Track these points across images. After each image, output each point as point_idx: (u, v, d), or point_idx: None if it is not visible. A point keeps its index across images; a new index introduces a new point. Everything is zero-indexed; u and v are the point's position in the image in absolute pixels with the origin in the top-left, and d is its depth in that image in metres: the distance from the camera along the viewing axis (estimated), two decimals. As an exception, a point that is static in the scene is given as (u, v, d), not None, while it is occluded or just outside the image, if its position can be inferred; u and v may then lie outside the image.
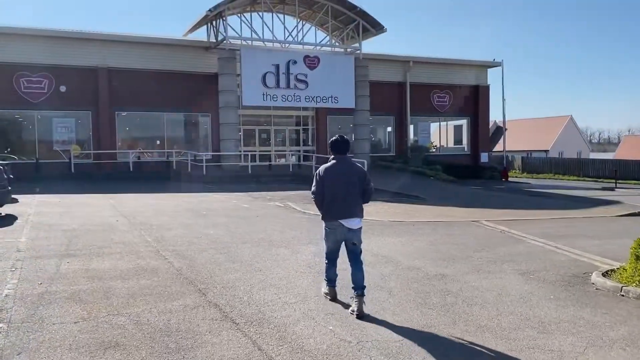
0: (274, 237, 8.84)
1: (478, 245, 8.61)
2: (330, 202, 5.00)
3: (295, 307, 4.95)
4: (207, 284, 5.69)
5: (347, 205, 4.98)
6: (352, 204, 5.00)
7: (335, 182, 4.98)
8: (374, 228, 10.12)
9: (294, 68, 24.28)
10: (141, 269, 6.28)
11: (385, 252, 7.74)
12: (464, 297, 5.44)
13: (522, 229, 10.66)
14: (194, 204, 13.08)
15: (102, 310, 4.69)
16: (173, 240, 8.33)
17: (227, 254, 7.32)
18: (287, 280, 5.92)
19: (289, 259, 7.13)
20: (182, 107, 24.17)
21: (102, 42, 22.74)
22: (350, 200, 4.99)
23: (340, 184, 4.97)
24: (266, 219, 11.05)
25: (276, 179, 21.41)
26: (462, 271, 6.66)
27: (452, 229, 10.34)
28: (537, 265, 7.12)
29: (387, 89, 28.43)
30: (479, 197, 18.06)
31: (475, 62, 31.77)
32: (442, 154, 31.21)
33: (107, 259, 6.85)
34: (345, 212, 4.98)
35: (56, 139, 22.63)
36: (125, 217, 10.74)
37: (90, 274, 6.01)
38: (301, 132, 27.96)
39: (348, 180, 4.99)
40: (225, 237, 8.77)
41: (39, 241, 7.88)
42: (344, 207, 4.97)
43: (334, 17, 25.65)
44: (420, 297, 5.42)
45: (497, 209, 14.58)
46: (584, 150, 59.16)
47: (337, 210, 4.98)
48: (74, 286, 5.46)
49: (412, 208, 13.98)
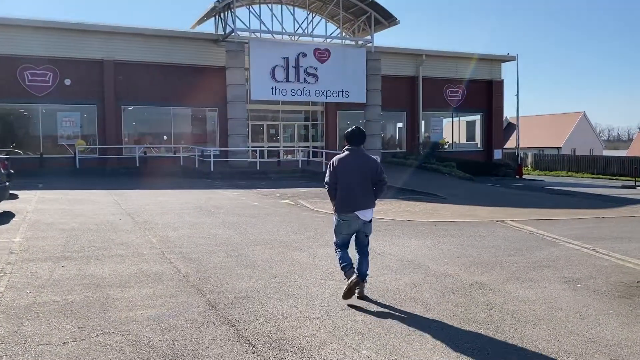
0: (288, 238, 8.18)
1: (510, 249, 7.91)
2: (344, 194, 4.95)
3: (320, 323, 4.29)
4: (218, 293, 5.03)
5: (362, 196, 4.95)
6: (366, 195, 4.97)
7: (349, 173, 4.94)
8: (394, 228, 9.44)
9: (303, 61, 23.58)
10: (144, 275, 5.65)
11: (411, 256, 7.06)
12: (511, 312, 4.75)
13: (551, 229, 9.93)
14: (201, 202, 12.46)
15: (97, 327, 4.05)
16: (179, 241, 7.70)
17: (238, 258, 6.67)
18: (306, 290, 5.25)
19: (306, 263, 6.47)
20: (189, 101, 23.58)
21: (108, 34, 22.16)
22: (364, 192, 4.96)
23: (354, 175, 4.93)
24: (277, 218, 10.40)
25: (285, 176, 20.77)
26: (500, 279, 5.97)
27: (478, 230, 9.64)
28: (581, 273, 6.41)
29: (398, 84, 27.68)
30: (498, 196, 17.30)
31: (489, 56, 30.91)
32: (455, 150, 30.43)
33: (107, 262, 6.22)
34: (361, 203, 4.96)
35: (61, 133, 22.12)
36: (129, 215, 10.13)
37: (86, 280, 5.38)
38: (310, 127, 27.28)
39: (362, 172, 4.95)
40: (236, 237, 8.12)
41: (34, 241, 7.27)
42: (359, 198, 4.94)
43: (345, 9, 24.90)
44: (460, 311, 4.74)
45: (520, 208, 13.84)
46: (596, 148, 58.07)
47: (353, 201, 4.94)
48: (67, 296, 4.82)
49: (431, 207, 13.27)
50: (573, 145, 54.68)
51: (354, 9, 24.97)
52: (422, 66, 28.42)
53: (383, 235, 8.68)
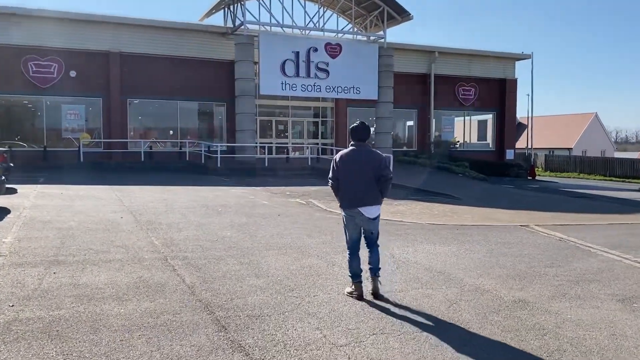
0: (302, 243, 7.54)
1: (544, 258, 7.23)
2: (346, 190, 4.92)
3: (349, 353, 3.63)
4: (228, 310, 4.39)
5: (364, 192, 4.87)
6: (369, 191, 4.88)
7: (352, 168, 4.88)
8: (414, 232, 8.77)
9: (314, 56, 22.90)
10: (144, 285, 5.02)
11: (440, 266, 6.40)
12: (569, 339, 4.08)
13: (582, 236, 9.24)
14: (208, 199, 11.84)
15: (85, 353, 3.41)
16: (184, 244, 7.07)
17: (249, 265, 6.03)
18: (329, 307, 4.60)
19: (325, 273, 5.82)
20: (196, 95, 22.97)
21: (115, 26, 21.56)
22: (367, 188, 4.87)
23: (356, 170, 4.86)
24: (289, 219, 9.75)
25: (294, 173, 20.13)
26: (544, 296, 5.30)
27: (504, 236, 8.96)
28: (632, 289, 5.73)
29: (410, 81, 26.96)
30: (516, 197, 16.58)
31: (503, 54, 30.12)
32: (466, 149, 29.70)
33: (104, 268, 5.60)
34: (363, 199, 4.88)
35: (65, 126, 21.57)
36: (131, 213, 9.52)
37: (79, 291, 4.75)
38: (319, 124, 26.61)
39: (365, 167, 4.87)
40: (245, 240, 7.49)
41: (26, 242, 6.66)
42: (361, 194, 4.87)
43: (357, 4, 24.18)
44: (510, 337, 4.08)
45: (542, 212, 13.13)
46: (608, 149, 57.09)
47: (354, 197, 4.89)
48: (54, 311, 4.19)
49: (449, 209, 12.59)
50: (584, 146, 53.77)
51: (366, 4, 24.25)
52: (435, 63, 27.68)
53: (404, 239, 8.02)
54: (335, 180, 5.03)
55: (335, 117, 26.15)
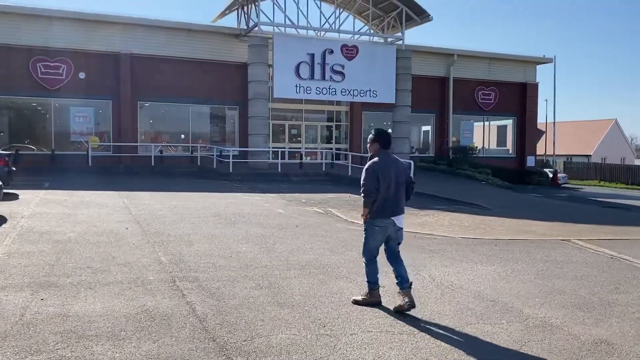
0: (327, 260, 6.69)
1: (604, 281, 6.31)
2: (384, 199, 4.77)
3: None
4: (248, 355, 3.55)
5: (398, 201, 4.83)
6: (401, 200, 4.88)
7: (389, 177, 4.78)
8: (449, 249, 7.88)
9: (330, 58, 22.10)
10: (147, 317, 4.19)
11: (490, 292, 5.51)
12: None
13: (634, 253, 8.30)
14: (220, 207, 11.04)
15: None
16: (195, 261, 6.26)
17: (269, 289, 5.20)
18: (373, 352, 3.73)
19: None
20: (208, 98, 22.27)
21: (125, 26, 20.95)
22: (400, 196, 4.85)
23: (392, 179, 4.78)
24: (308, 230, 8.91)
25: (309, 179, 19.31)
26: (627, 334, 4.40)
27: (549, 253, 8.03)
28: None
29: (427, 84, 26.06)
30: (547, 207, 15.58)
31: (524, 58, 29.10)
32: (486, 155, 28.67)
33: (100, 293, 4.79)
34: (397, 209, 4.84)
35: (74, 129, 20.96)
36: (138, 222, 8.75)
37: (67, 325, 3.94)
38: (334, 128, 25.80)
39: (398, 175, 4.82)
40: (263, 257, 6.66)
41: (16, 259, 5.88)
42: (395, 204, 4.82)
43: (374, 5, 23.38)
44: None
45: (578, 224, 12.15)
46: (628, 157, 55.61)
47: (390, 207, 4.80)
48: (33, 356, 3.38)
49: (480, 220, 11.66)
50: (604, 153, 52.38)
51: (384, 4, 23.44)
52: (454, 66, 26.79)
53: (441, 257, 7.13)
54: (375, 192, 4.76)
55: (350, 121, 25.32)
